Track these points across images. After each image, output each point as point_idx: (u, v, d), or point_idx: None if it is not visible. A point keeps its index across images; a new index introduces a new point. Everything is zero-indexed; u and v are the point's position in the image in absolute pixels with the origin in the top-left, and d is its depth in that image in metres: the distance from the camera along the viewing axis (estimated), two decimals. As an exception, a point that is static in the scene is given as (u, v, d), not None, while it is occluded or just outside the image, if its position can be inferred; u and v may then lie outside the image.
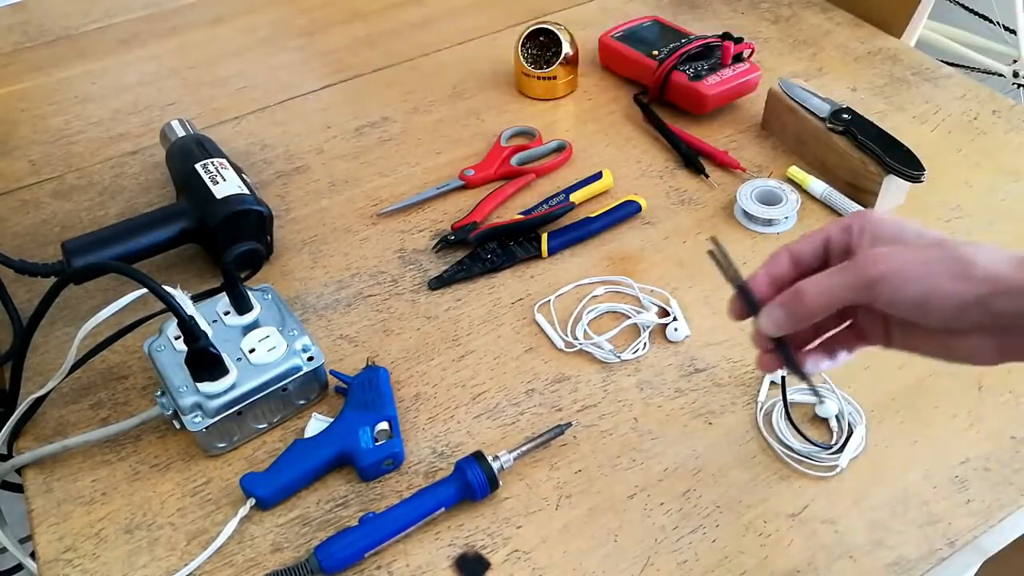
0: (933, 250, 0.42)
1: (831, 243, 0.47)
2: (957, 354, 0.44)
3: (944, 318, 0.42)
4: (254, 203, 0.70)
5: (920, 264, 0.42)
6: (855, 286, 0.43)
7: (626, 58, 0.93)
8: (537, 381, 0.65)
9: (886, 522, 0.56)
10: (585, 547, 0.56)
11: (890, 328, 0.47)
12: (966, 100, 0.90)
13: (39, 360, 0.68)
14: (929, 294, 0.41)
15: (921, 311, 0.42)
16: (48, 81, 1.00)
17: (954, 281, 0.41)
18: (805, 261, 0.48)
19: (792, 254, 0.48)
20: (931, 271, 0.41)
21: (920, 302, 0.42)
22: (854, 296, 0.43)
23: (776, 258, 0.49)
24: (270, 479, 0.57)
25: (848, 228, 0.46)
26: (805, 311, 0.45)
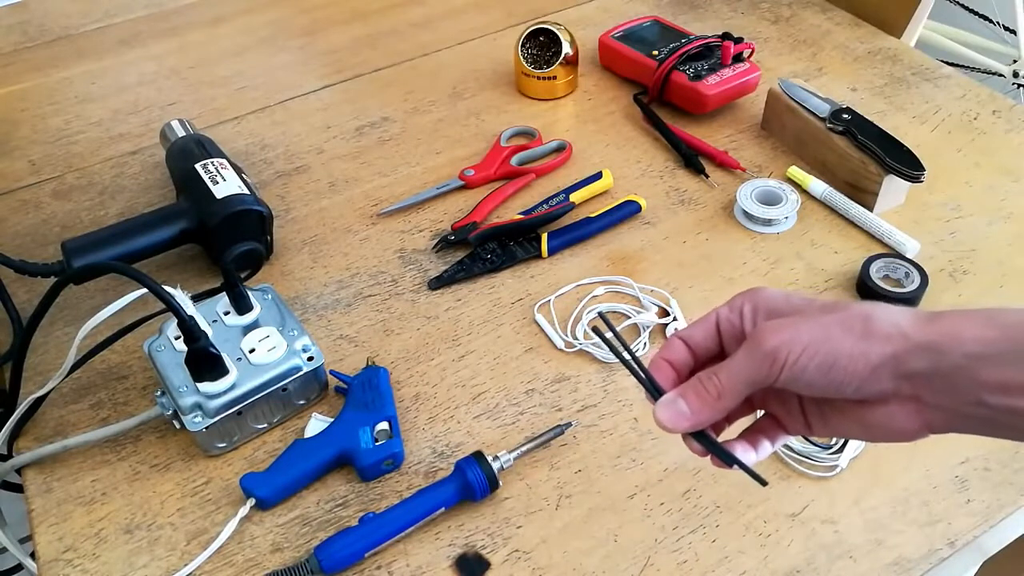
0: (828, 314, 0.40)
1: (722, 326, 0.44)
2: (876, 430, 0.40)
3: (854, 384, 0.38)
4: (254, 203, 0.70)
5: (818, 329, 0.39)
6: (757, 365, 0.40)
7: (626, 58, 0.93)
8: (537, 381, 0.65)
9: (886, 522, 0.56)
10: (585, 547, 0.56)
11: (807, 412, 0.44)
12: (966, 100, 0.90)
13: (39, 360, 0.68)
14: (834, 360, 0.38)
15: (829, 381, 0.39)
16: (48, 81, 1.00)
17: (856, 341, 0.38)
18: (699, 348, 0.45)
19: (686, 341, 0.45)
20: (830, 335, 0.38)
21: (826, 370, 0.38)
22: (758, 376, 0.40)
23: (671, 345, 0.45)
24: (270, 479, 0.58)
25: (738, 308, 0.44)
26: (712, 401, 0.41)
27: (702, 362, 0.45)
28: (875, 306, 0.39)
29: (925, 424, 0.39)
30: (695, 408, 0.42)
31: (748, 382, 0.41)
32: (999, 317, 0.37)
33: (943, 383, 0.37)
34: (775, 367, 0.39)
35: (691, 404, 0.42)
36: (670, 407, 0.42)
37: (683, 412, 0.42)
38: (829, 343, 0.38)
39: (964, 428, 0.38)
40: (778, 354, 0.39)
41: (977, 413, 0.37)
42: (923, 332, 0.37)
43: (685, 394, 0.42)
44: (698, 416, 0.42)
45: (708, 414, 0.42)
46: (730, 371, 0.41)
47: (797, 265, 0.73)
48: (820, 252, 0.74)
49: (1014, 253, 0.73)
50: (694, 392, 0.42)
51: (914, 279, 0.69)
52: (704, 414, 0.42)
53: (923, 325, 0.38)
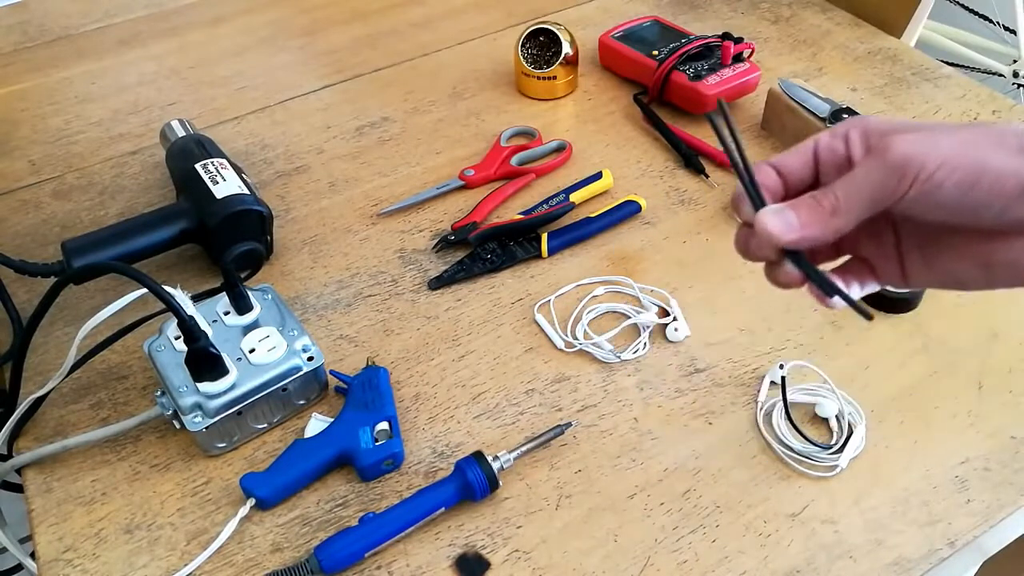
0: (973, 129, 0.34)
1: (821, 155, 0.39)
2: (1003, 271, 0.35)
3: (999, 207, 0.33)
4: (254, 203, 0.70)
5: (960, 141, 0.34)
6: (883, 179, 0.34)
7: (626, 58, 0.93)
8: (537, 381, 0.65)
9: (886, 522, 0.56)
10: (585, 547, 0.56)
11: (904, 254, 0.39)
12: (966, 100, 0.90)
13: (39, 360, 0.68)
14: (978, 176, 0.33)
15: (967, 201, 0.33)
16: (48, 81, 1.00)
17: (1010, 157, 0.33)
18: (792, 177, 0.40)
19: (777, 168, 0.40)
20: (978, 146, 0.33)
21: (967, 187, 0.33)
22: (883, 191, 0.35)
23: (760, 170, 0.40)
24: (270, 479, 0.58)
25: (842, 134, 0.38)
26: (825, 218, 0.36)
27: (793, 194, 0.40)
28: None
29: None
30: (805, 221, 0.37)
31: (870, 199, 0.35)
32: None
33: None
34: (904, 181, 0.34)
35: (802, 216, 0.37)
36: (778, 215, 0.37)
37: (791, 223, 0.37)
38: (975, 155, 0.33)
39: None
40: (909, 166, 0.34)
41: None
42: None
43: (795, 207, 0.37)
44: (807, 230, 0.37)
45: (818, 230, 0.37)
46: (849, 185, 0.36)
47: (797, 265, 0.73)
48: (820, 252, 0.74)
49: (1014, 253, 0.73)
50: (805, 206, 0.37)
51: (914, 279, 0.69)
52: (814, 229, 0.37)
53: None
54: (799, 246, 0.37)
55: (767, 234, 0.37)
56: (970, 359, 0.65)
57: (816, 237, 0.37)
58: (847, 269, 0.41)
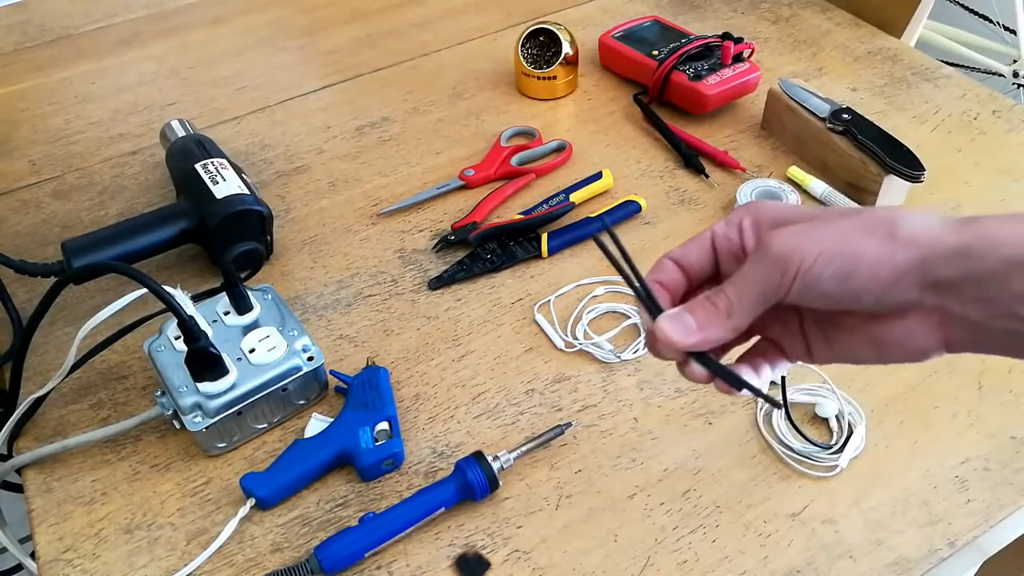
0: (847, 218, 0.36)
1: (718, 244, 0.40)
2: (889, 348, 0.37)
3: (876, 293, 0.35)
4: (254, 203, 0.70)
5: (835, 232, 0.35)
6: (767, 275, 0.36)
7: (626, 58, 0.93)
8: (537, 381, 0.65)
9: (886, 522, 0.56)
10: (585, 547, 0.56)
11: (808, 334, 0.40)
12: (966, 100, 0.90)
13: (39, 360, 0.68)
14: (853, 266, 0.34)
15: (846, 290, 0.35)
16: (48, 81, 1.00)
17: (880, 244, 0.34)
18: (693, 269, 0.41)
19: (677, 261, 0.41)
20: (849, 237, 0.35)
21: (844, 277, 0.34)
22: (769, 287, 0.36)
23: (661, 266, 0.42)
24: (270, 479, 0.57)
25: (736, 223, 0.39)
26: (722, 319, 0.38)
27: (696, 285, 0.41)
28: (902, 210, 0.35)
29: (944, 340, 0.35)
30: (703, 323, 0.38)
31: (759, 295, 0.37)
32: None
33: (974, 292, 0.34)
34: (787, 276, 0.35)
35: (699, 320, 0.38)
36: (676, 320, 0.38)
37: (690, 327, 0.38)
38: (849, 246, 0.34)
39: (986, 345, 0.35)
40: (790, 260, 0.35)
41: (1006, 327, 0.34)
42: (956, 235, 0.34)
43: (692, 310, 0.38)
44: (706, 332, 0.38)
45: (717, 332, 0.38)
46: (738, 284, 0.37)
47: (797, 265, 0.73)
48: (820, 252, 0.74)
49: (1014, 253, 0.73)
50: (702, 308, 0.38)
51: (914, 279, 0.69)
52: (713, 331, 0.38)
53: (956, 228, 0.34)
54: (701, 348, 0.38)
55: (667, 341, 0.38)
56: (970, 359, 0.65)
57: (716, 339, 0.38)
58: (757, 352, 0.42)
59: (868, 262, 0.34)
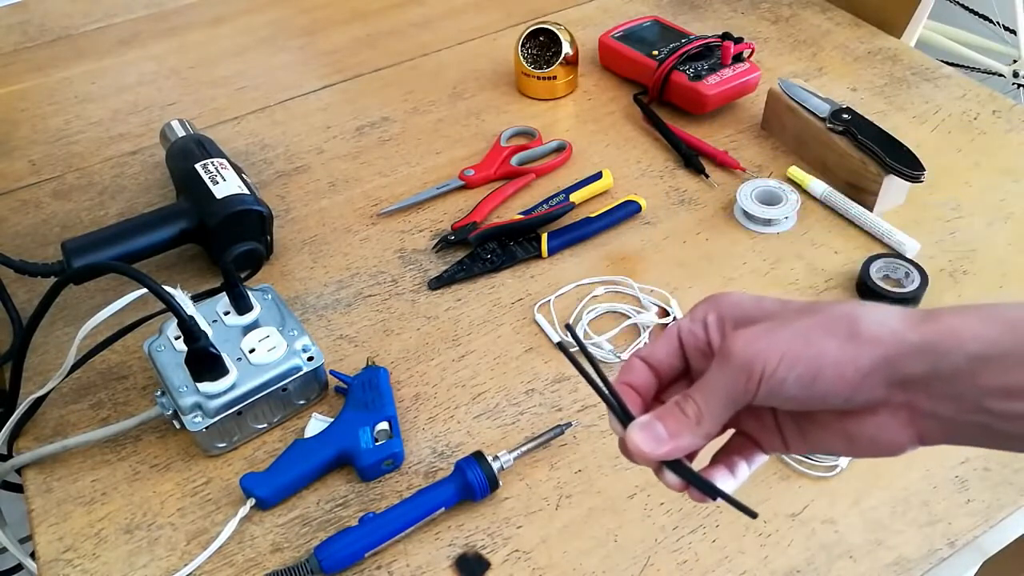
0: (807, 317, 0.35)
1: (684, 340, 0.40)
2: (862, 443, 0.36)
3: (843, 395, 0.34)
4: (254, 203, 0.70)
5: (796, 335, 0.35)
6: (732, 382, 0.35)
7: (626, 58, 0.93)
8: (537, 381, 0.65)
9: (886, 522, 0.56)
10: (585, 547, 0.56)
11: (782, 428, 0.39)
12: (966, 100, 0.90)
13: (39, 360, 0.68)
14: (817, 369, 0.34)
15: (812, 393, 0.34)
16: (48, 81, 1.00)
17: (842, 345, 0.34)
18: (662, 367, 0.41)
19: (646, 360, 0.41)
20: (811, 340, 0.34)
21: (809, 381, 0.34)
22: (734, 394, 0.36)
23: (630, 366, 0.41)
24: (270, 479, 0.57)
25: (700, 319, 0.39)
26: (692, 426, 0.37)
27: (667, 383, 0.41)
28: (860, 305, 0.35)
29: (917, 435, 0.35)
30: (673, 432, 0.37)
31: (726, 402, 0.36)
32: (1001, 313, 0.33)
33: (941, 388, 0.33)
34: (751, 382, 0.35)
35: (669, 428, 0.37)
36: (647, 430, 0.38)
37: (661, 436, 0.37)
38: (810, 349, 0.34)
39: (959, 438, 0.35)
40: (753, 367, 0.35)
41: (976, 420, 0.34)
42: (918, 332, 0.34)
43: (662, 417, 0.38)
44: (677, 441, 0.37)
45: (688, 440, 0.37)
46: (705, 391, 0.37)
47: (797, 265, 0.73)
48: (820, 252, 0.74)
49: (1014, 253, 0.73)
50: (672, 416, 0.38)
51: (914, 279, 0.69)
52: (684, 439, 0.37)
53: (917, 324, 0.34)
54: (673, 456, 0.38)
55: (638, 451, 0.38)
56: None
57: (688, 446, 0.38)
58: (732, 449, 0.41)
59: (831, 364, 0.34)
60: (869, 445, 0.36)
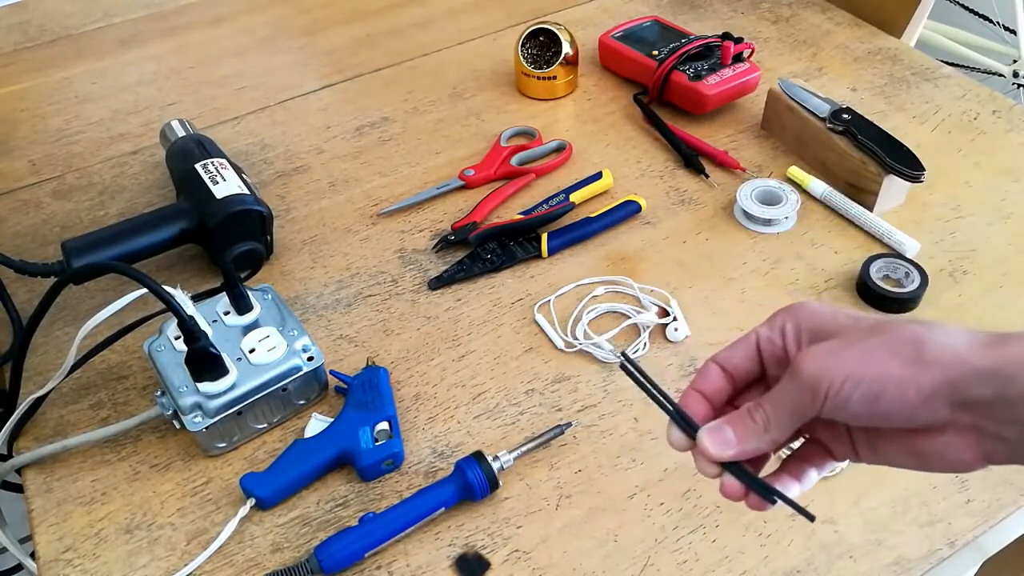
0: (873, 336, 0.36)
1: (762, 347, 0.41)
2: (930, 460, 0.37)
3: (905, 414, 0.35)
4: (254, 203, 0.70)
5: (861, 355, 0.36)
6: (798, 398, 0.37)
7: (626, 58, 0.93)
8: (537, 381, 0.65)
9: (886, 522, 0.56)
10: (585, 547, 0.56)
11: (854, 439, 0.40)
12: (966, 100, 0.90)
13: (39, 360, 0.68)
14: (880, 389, 0.35)
15: (874, 412, 0.35)
16: (48, 81, 1.00)
17: (905, 367, 0.35)
18: (738, 372, 0.42)
19: (722, 365, 0.42)
20: (874, 360, 0.35)
21: (871, 400, 0.35)
22: (800, 408, 0.37)
23: (705, 372, 0.42)
24: (270, 479, 0.58)
25: (779, 327, 0.40)
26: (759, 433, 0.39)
27: (741, 388, 0.42)
28: (928, 327, 0.36)
29: (984, 455, 0.36)
30: (741, 437, 0.39)
31: (793, 414, 0.38)
32: None
33: (1007, 412, 0.34)
34: (816, 399, 0.36)
35: (737, 433, 0.39)
36: (716, 433, 0.40)
37: (729, 440, 0.39)
38: (873, 370, 0.35)
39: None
40: (818, 385, 0.36)
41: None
42: (984, 356, 0.34)
43: (732, 423, 0.40)
44: (743, 445, 0.39)
45: (754, 444, 0.39)
46: (774, 402, 0.38)
47: (797, 265, 0.73)
48: (820, 252, 0.74)
49: (1014, 253, 0.73)
50: (741, 423, 0.39)
51: (914, 279, 0.69)
52: (750, 443, 0.39)
53: (984, 348, 0.34)
54: (738, 459, 0.40)
55: (707, 453, 0.40)
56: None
57: (753, 450, 0.39)
58: (803, 456, 0.42)
59: (894, 385, 0.35)
60: (938, 462, 0.37)
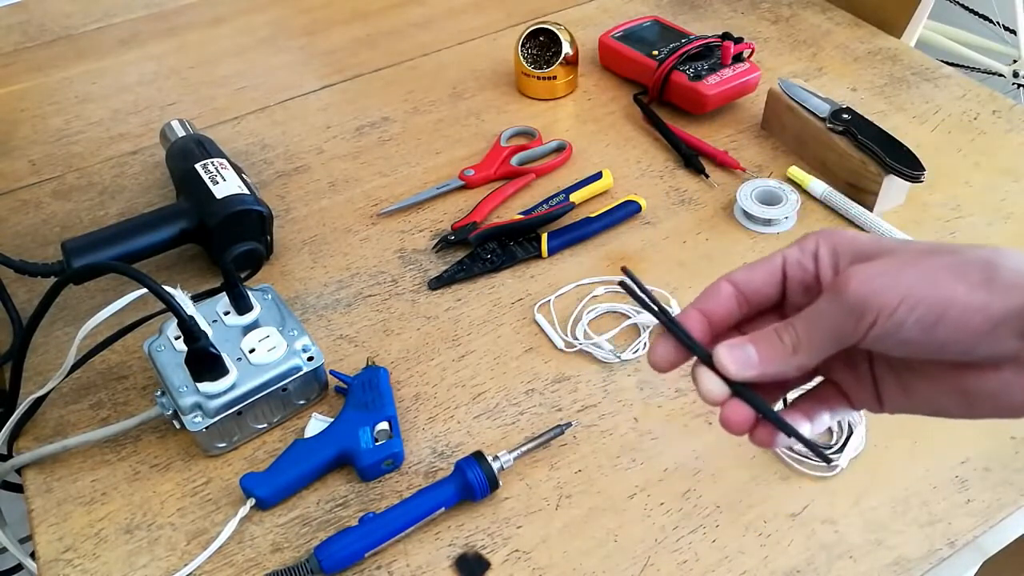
0: (935, 257, 0.32)
1: (789, 271, 0.36)
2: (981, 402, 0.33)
3: (967, 344, 0.31)
4: (254, 203, 0.70)
5: (921, 274, 0.31)
6: (842, 319, 0.32)
7: (626, 58, 0.93)
8: (537, 381, 0.65)
9: (886, 522, 0.56)
10: (585, 547, 0.56)
11: (879, 380, 0.36)
12: (966, 100, 0.90)
13: (39, 360, 0.68)
14: (941, 312, 0.30)
15: (931, 339, 0.31)
16: (48, 81, 1.00)
17: (974, 290, 0.30)
18: (755, 296, 0.37)
19: (737, 285, 0.37)
20: (938, 281, 0.31)
21: (929, 325, 0.31)
22: (843, 331, 0.32)
23: (714, 290, 0.37)
24: (270, 479, 0.57)
25: (811, 251, 0.36)
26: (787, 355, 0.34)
27: (754, 314, 0.37)
28: (999, 251, 0.31)
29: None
30: (765, 357, 0.34)
31: (831, 339, 0.33)
32: None
33: None
34: (863, 321, 0.31)
35: (761, 352, 0.34)
36: (736, 350, 0.35)
37: (751, 359, 0.34)
38: (936, 291, 0.31)
39: None
40: (867, 305, 0.31)
41: None
42: None
43: (756, 341, 0.35)
44: (766, 366, 0.34)
45: (778, 367, 0.34)
46: (809, 322, 0.33)
47: (797, 265, 0.73)
48: (820, 252, 0.74)
49: (1014, 253, 0.73)
50: (767, 342, 0.34)
51: (914, 279, 0.69)
52: (773, 365, 0.34)
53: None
54: (757, 380, 0.35)
55: (726, 370, 0.35)
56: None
57: (775, 372, 0.35)
58: (816, 396, 0.38)
59: (958, 309, 0.31)
60: (988, 404, 0.33)
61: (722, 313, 0.37)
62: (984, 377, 0.32)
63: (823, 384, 0.38)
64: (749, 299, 0.37)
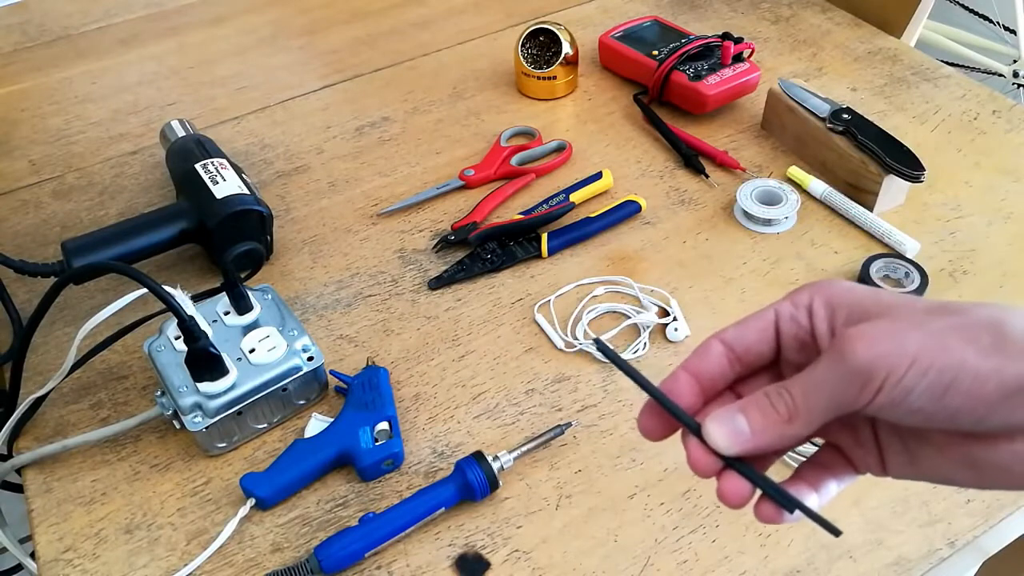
0: (941, 317, 0.30)
1: (783, 327, 0.34)
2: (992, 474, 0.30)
3: (978, 414, 0.29)
4: (254, 203, 0.70)
5: (931, 338, 0.29)
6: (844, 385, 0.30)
7: (626, 58, 0.93)
8: (537, 381, 0.65)
9: (886, 522, 0.56)
10: (585, 547, 0.56)
11: (883, 445, 0.34)
12: (966, 100, 0.90)
13: (39, 360, 0.68)
14: (951, 380, 0.28)
15: (941, 408, 0.29)
16: (48, 81, 1.00)
17: (984, 356, 0.28)
18: (747, 355, 0.35)
19: (728, 344, 0.35)
20: (946, 345, 0.29)
21: (939, 393, 0.29)
22: (844, 398, 0.30)
23: (704, 350, 0.35)
24: (270, 479, 0.58)
25: (805, 305, 0.33)
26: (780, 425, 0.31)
27: (747, 374, 0.35)
28: (1005, 310, 0.29)
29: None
30: (758, 428, 0.32)
31: (831, 406, 0.31)
32: None
33: None
34: (868, 388, 0.29)
35: (753, 423, 0.32)
36: (726, 423, 0.32)
37: (742, 431, 0.32)
38: (946, 356, 0.29)
39: None
40: (874, 371, 0.29)
41: None
42: None
43: (746, 409, 0.32)
44: (759, 439, 0.32)
45: (771, 438, 0.32)
46: (807, 388, 0.31)
47: (797, 265, 0.73)
48: (820, 252, 0.74)
49: (1014, 253, 0.73)
50: (758, 409, 0.32)
51: (914, 279, 0.69)
52: (766, 437, 0.32)
53: None
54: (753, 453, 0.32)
55: (716, 445, 0.32)
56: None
57: (769, 445, 0.32)
58: (819, 462, 0.35)
59: (969, 377, 0.28)
60: (999, 476, 0.31)
61: (713, 374, 0.35)
62: (996, 449, 0.30)
63: (824, 448, 0.36)
64: (741, 358, 0.35)
